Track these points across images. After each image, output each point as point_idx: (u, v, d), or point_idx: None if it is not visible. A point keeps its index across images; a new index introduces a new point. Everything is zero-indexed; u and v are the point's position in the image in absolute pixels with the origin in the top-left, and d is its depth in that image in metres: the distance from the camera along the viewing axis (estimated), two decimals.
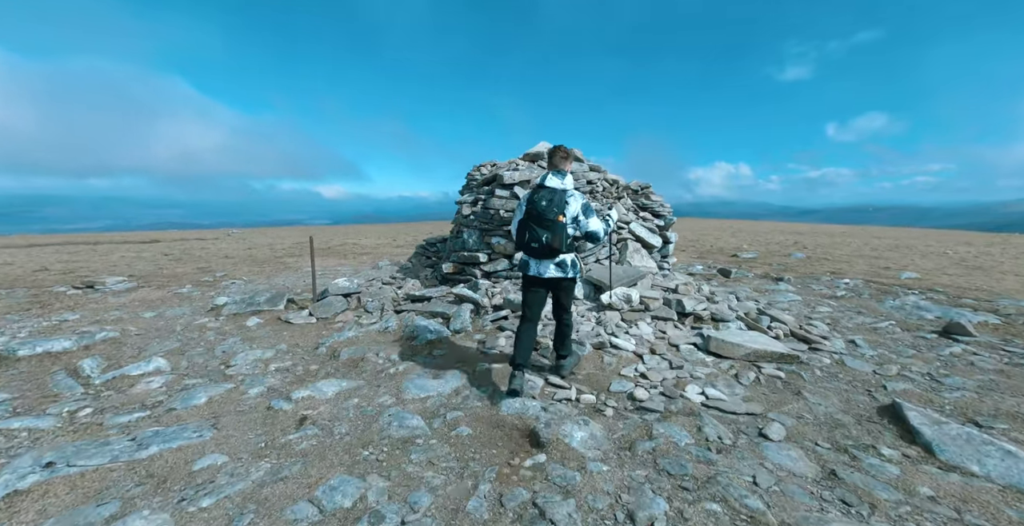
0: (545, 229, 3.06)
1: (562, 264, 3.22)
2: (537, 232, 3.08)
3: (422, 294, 5.76)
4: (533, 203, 3.13)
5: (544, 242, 3.06)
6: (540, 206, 3.08)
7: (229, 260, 10.91)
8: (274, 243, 17.29)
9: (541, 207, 3.08)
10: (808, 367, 3.82)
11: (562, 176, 3.23)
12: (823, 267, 9.87)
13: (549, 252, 3.09)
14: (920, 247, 15.02)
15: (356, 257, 11.93)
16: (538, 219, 3.08)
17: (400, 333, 4.66)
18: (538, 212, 3.08)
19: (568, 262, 3.24)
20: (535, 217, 3.10)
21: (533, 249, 3.12)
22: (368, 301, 5.86)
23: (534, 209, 3.11)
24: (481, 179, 6.67)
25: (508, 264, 6.01)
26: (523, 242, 3.18)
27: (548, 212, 3.05)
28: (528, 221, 3.14)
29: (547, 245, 3.06)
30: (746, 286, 7.72)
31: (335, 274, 8.63)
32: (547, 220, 3.05)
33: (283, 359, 4.03)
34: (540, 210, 3.07)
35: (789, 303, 6.29)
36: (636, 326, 4.58)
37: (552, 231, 3.05)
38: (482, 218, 6.20)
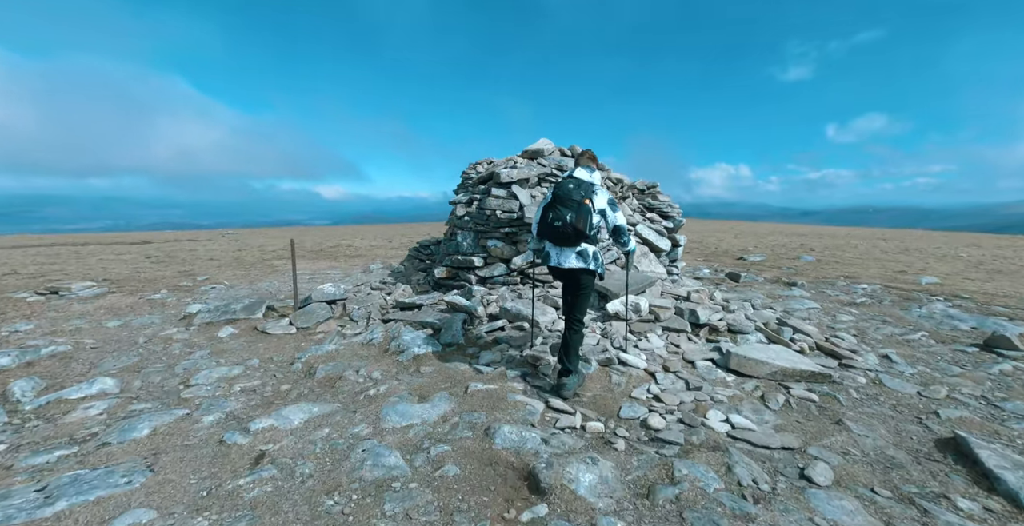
0: (570, 209, 2.98)
1: (583, 254, 3.09)
2: (561, 211, 3.00)
3: (412, 301, 5.32)
4: (559, 187, 3.11)
5: (568, 221, 2.96)
6: (566, 189, 3.06)
7: (214, 263, 10.46)
8: (266, 244, 16.84)
9: (567, 189, 3.06)
10: (842, 387, 3.39)
11: (591, 171, 3.28)
12: (835, 271, 9.45)
13: (572, 235, 2.99)
14: (930, 249, 14.61)
15: (348, 260, 11.49)
16: (563, 200, 3.03)
17: (385, 346, 4.21)
18: (564, 194, 3.04)
19: (590, 253, 3.11)
20: (560, 199, 3.05)
21: (555, 230, 3.02)
22: (354, 309, 5.42)
23: (560, 192, 3.08)
24: (476, 178, 6.23)
25: (505, 269, 5.58)
26: (545, 223, 3.08)
27: (575, 193, 3.02)
28: (553, 203, 3.08)
29: (571, 225, 2.96)
30: (758, 292, 7.29)
31: (324, 278, 8.19)
32: (573, 201, 3.00)
33: (252, 377, 3.58)
34: (566, 192, 3.04)
35: (807, 311, 5.86)
36: (646, 339, 4.15)
37: (577, 212, 2.97)
38: (477, 219, 5.77)
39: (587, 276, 3.16)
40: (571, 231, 2.98)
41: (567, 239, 3.03)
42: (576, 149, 6.79)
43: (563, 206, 3.02)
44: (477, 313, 4.58)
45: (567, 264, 3.10)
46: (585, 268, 3.10)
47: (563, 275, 3.22)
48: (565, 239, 3.04)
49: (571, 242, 3.05)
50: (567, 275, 3.19)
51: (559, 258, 3.14)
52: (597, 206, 3.06)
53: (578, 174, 3.23)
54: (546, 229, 3.09)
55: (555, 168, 6.45)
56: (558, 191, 3.09)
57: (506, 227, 5.63)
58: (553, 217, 3.03)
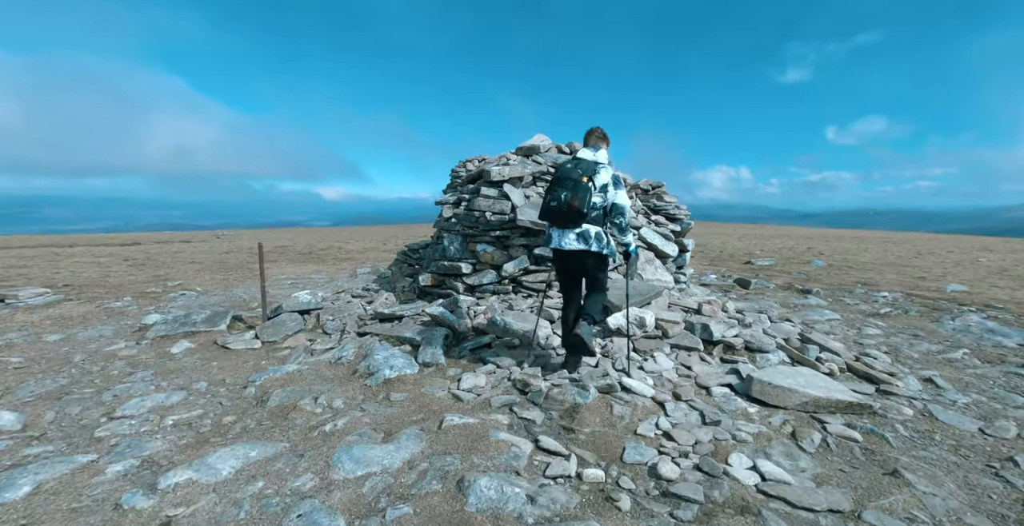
0: (566, 188, 2.93)
1: (584, 235, 3.02)
2: (557, 192, 2.96)
3: (392, 312, 4.80)
4: (560, 168, 3.09)
5: (563, 200, 2.91)
6: (565, 168, 3.05)
7: (195, 266, 9.96)
8: (255, 247, 16.35)
9: (566, 168, 3.04)
10: (887, 421, 2.86)
11: (595, 150, 3.20)
12: (850, 277, 8.91)
13: (569, 215, 2.93)
14: (944, 253, 14.06)
15: (337, 263, 10.98)
16: (561, 180, 2.99)
17: (355, 366, 3.69)
18: (563, 174, 3.01)
19: (592, 234, 3.03)
20: (559, 179, 3.02)
21: (552, 210, 2.99)
22: (328, 320, 4.90)
23: (560, 172, 3.05)
24: (466, 176, 5.72)
25: (495, 276, 5.06)
26: (545, 204, 3.04)
27: (572, 172, 2.98)
28: (552, 184, 3.05)
29: (566, 204, 2.89)
30: (771, 300, 6.76)
31: (306, 283, 7.67)
32: (570, 179, 2.95)
33: (193, 405, 3.06)
34: (565, 172, 3.02)
35: (829, 324, 5.33)
36: (653, 359, 3.63)
37: (573, 190, 2.90)
38: (465, 221, 5.25)
39: (590, 258, 3.07)
40: (567, 210, 2.91)
41: (565, 219, 2.97)
42: (575, 145, 6.29)
43: (560, 186, 2.97)
44: (460, 328, 4.06)
45: (568, 246, 3.03)
46: (586, 250, 3.02)
47: (565, 258, 3.14)
48: (563, 219, 2.98)
49: (570, 222, 2.99)
50: (569, 259, 3.12)
51: (560, 240, 3.07)
52: (599, 183, 2.99)
53: (582, 154, 3.16)
54: (546, 212, 3.05)
55: (551, 166, 5.94)
56: (558, 172, 3.06)
57: (497, 230, 5.12)
58: (550, 198, 2.99)
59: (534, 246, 5.09)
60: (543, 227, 4.88)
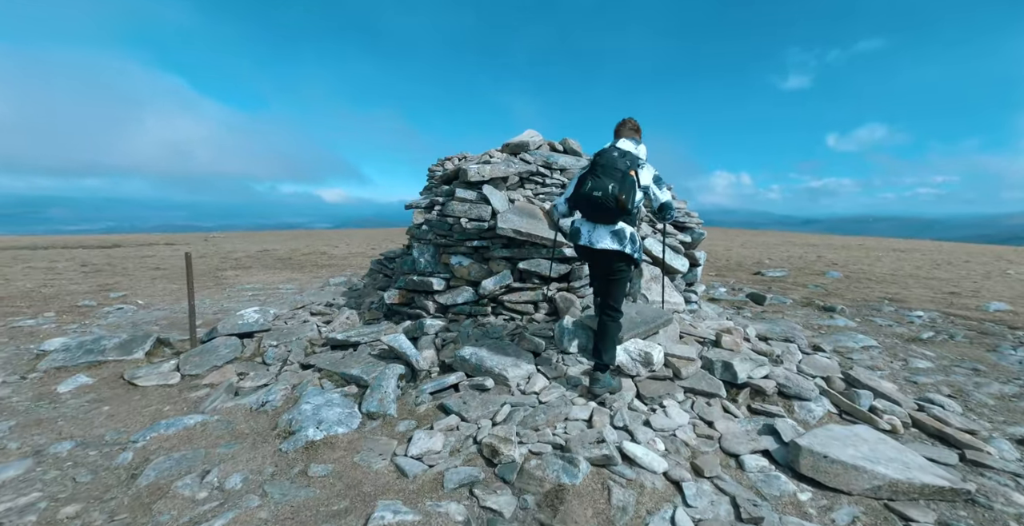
0: (613, 178, 2.65)
1: (620, 235, 2.76)
2: (603, 180, 2.66)
3: (346, 338, 3.98)
4: (602, 155, 2.79)
5: (610, 192, 2.62)
6: (610, 156, 2.74)
7: (156, 273, 9.13)
8: (240, 250, 15.52)
9: (612, 157, 2.74)
10: (995, 517, 2.04)
11: (636, 143, 2.96)
12: (873, 291, 8.10)
13: (613, 209, 2.66)
14: (962, 263, 13.26)
15: (315, 270, 10.16)
16: (606, 169, 2.69)
17: (279, 416, 2.86)
18: (607, 162, 2.71)
19: (627, 234, 2.77)
20: (602, 167, 2.71)
21: (594, 201, 2.67)
22: (270, 346, 4.08)
23: (602, 160, 2.75)
24: (440, 176, 4.92)
25: (472, 294, 4.25)
26: (582, 192, 2.72)
27: (619, 162, 2.70)
28: (593, 170, 2.74)
29: (612, 196, 2.62)
30: (792, 320, 5.95)
31: (268, 296, 6.85)
32: (617, 170, 2.67)
33: (30, 485, 2.23)
34: (610, 160, 2.72)
35: (867, 352, 4.51)
36: (663, 410, 2.81)
37: (621, 183, 2.64)
38: (438, 229, 4.44)
39: (621, 261, 2.80)
40: (612, 204, 2.63)
41: (605, 213, 2.70)
42: (569, 143, 5.49)
43: (605, 175, 2.67)
44: (419, 366, 3.23)
45: (600, 244, 2.76)
46: (620, 251, 2.75)
47: (592, 257, 2.90)
48: (603, 213, 2.71)
49: (608, 218, 2.73)
50: (597, 257, 2.84)
51: (591, 236, 2.80)
52: (642, 181, 2.76)
53: (622, 145, 2.87)
54: (582, 200, 2.74)
55: (542, 165, 5.14)
56: (600, 159, 2.76)
57: (475, 240, 4.31)
58: (592, 186, 2.67)
59: (518, 259, 4.28)
60: (529, 237, 4.07)
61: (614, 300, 2.86)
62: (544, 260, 4.19)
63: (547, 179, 5.13)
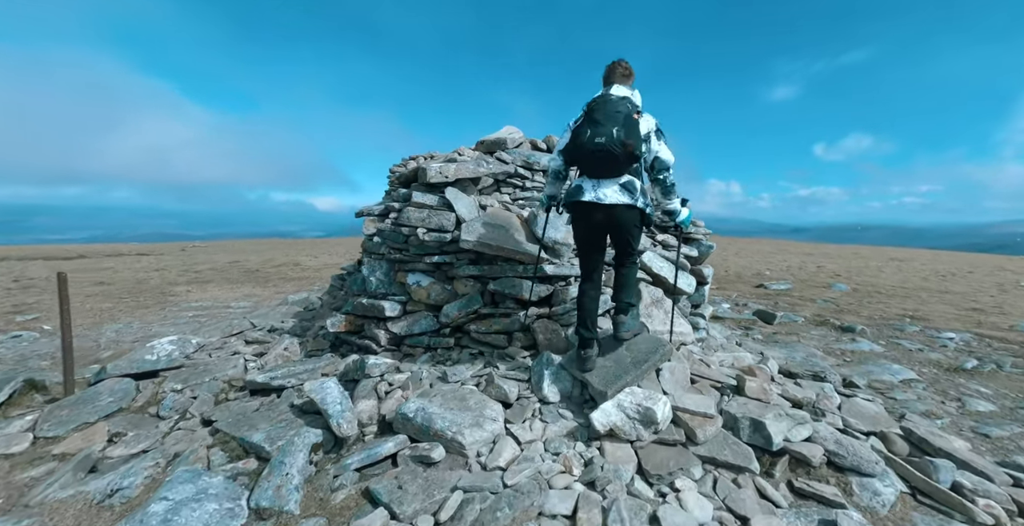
0: (616, 123, 2.29)
1: (629, 187, 2.39)
2: (605, 126, 2.30)
3: (268, 380, 3.14)
4: (596, 101, 2.45)
5: (615, 137, 2.26)
6: (610, 100, 2.40)
7: (97, 288, 8.19)
8: (211, 260, 14.54)
9: (612, 101, 2.40)
10: None
11: (631, 88, 2.55)
12: (889, 308, 7.40)
13: (621, 157, 2.29)
14: (965, 274, 12.70)
15: (280, 284, 9.27)
16: (606, 113, 2.34)
17: (129, 517, 2.01)
18: (608, 107, 2.36)
19: (637, 186, 2.41)
20: (601, 112, 2.36)
21: (594, 150, 2.30)
22: (170, 393, 3.21)
23: (598, 105, 2.41)
24: (397, 177, 4.14)
25: (431, 322, 3.43)
26: (579, 142, 2.37)
27: (620, 106, 2.36)
28: (591, 117, 2.38)
29: (618, 142, 2.26)
30: (809, 344, 5.20)
31: (210, 318, 5.96)
32: (619, 113, 2.33)
33: None
34: (611, 105, 2.37)
35: (909, 388, 3.76)
36: (676, 498, 2.00)
37: (626, 127, 2.29)
38: (392, 241, 3.64)
39: (634, 215, 2.44)
40: (619, 150, 2.27)
41: (610, 164, 2.34)
42: (554, 140, 4.75)
43: (607, 119, 2.32)
44: (341, 431, 2.37)
45: (608, 199, 2.38)
46: (631, 204, 2.39)
47: (598, 215, 2.44)
48: (607, 164, 2.35)
49: (614, 169, 2.37)
50: (604, 215, 2.43)
51: (596, 191, 2.41)
52: (643, 129, 2.37)
53: (616, 91, 2.50)
54: (582, 151, 2.37)
55: (521, 166, 4.38)
56: (596, 105, 2.43)
57: (436, 255, 3.51)
58: (592, 134, 2.32)
59: (489, 278, 3.49)
60: (502, 252, 3.29)
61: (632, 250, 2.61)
62: (521, 280, 3.40)
63: (527, 182, 4.37)
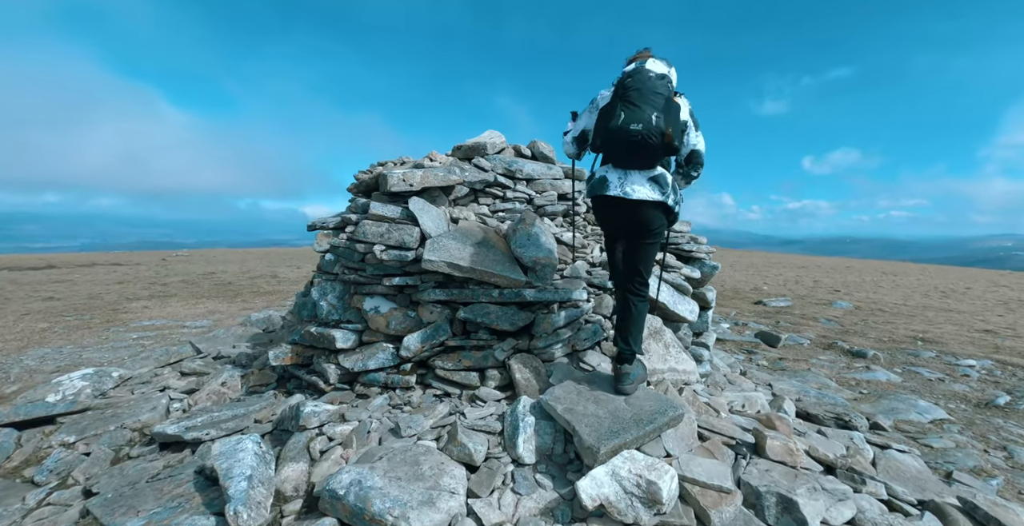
0: (654, 106, 1.97)
1: (660, 181, 2.11)
2: (641, 110, 1.95)
3: (180, 431, 2.55)
4: (633, 76, 2.09)
5: (653, 124, 1.93)
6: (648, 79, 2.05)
7: (43, 305, 7.49)
8: (186, 272, 13.82)
9: (650, 80, 2.05)
10: None
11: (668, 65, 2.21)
12: (895, 328, 6.97)
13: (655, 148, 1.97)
14: (964, 291, 12.42)
15: (250, 299, 8.64)
16: (643, 94, 2.00)
17: None
18: (642, 86, 2.02)
19: (668, 181, 2.13)
20: (637, 91, 2.01)
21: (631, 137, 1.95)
22: (59, 447, 2.61)
23: (634, 83, 2.05)
24: (356, 185, 3.62)
25: (391, 355, 2.88)
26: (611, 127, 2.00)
27: (659, 86, 2.04)
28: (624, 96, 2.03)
29: (657, 131, 1.93)
30: (820, 372, 4.72)
31: (156, 341, 5.34)
32: (659, 95, 2.01)
33: None
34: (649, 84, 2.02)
35: (942, 430, 3.27)
36: None
37: (667, 113, 1.97)
38: (347, 259, 3.10)
39: (660, 216, 2.15)
40: (657, 141, 1.94)
41: (644, 154, 2.00)
42: (539, 146, 4.28)
43: (644, 102, 1.97)
44: (239, 520, 1.79)
45: (636, 194, 2.07)
46: (661, 201, 2.09)
47: (621, 214, 2.17)
48: (642, 155, 2.01)
49: (648, 160, 2.05)
50: (629, 213, 2.14)
51: (623, 185, 2.10)
52: (682, 116, 2.04)
53: (653, 65, 2.13)
54: (613, 138, 2.01)
55: (502, 174, 3.90)
56: (632, 81, 2.06)
57: (396, 276, 2.98)
58: (627, 117, 1.96)
59: (459, 304, 2.96)
60: (473, 274, 2.77)
61: (646, 271, 2.32)
62: (496, 306, 2.88)
63: (508, 191, 3.88)
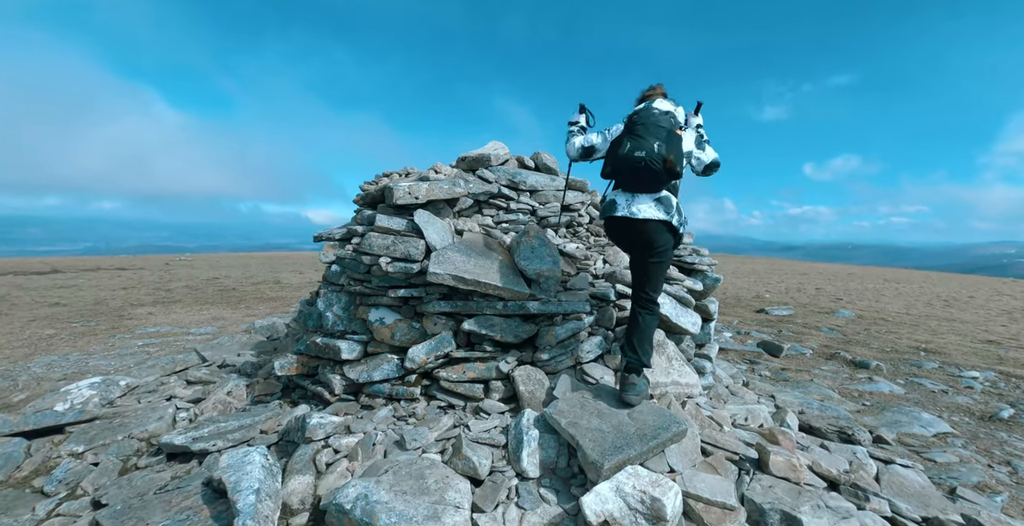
0: (656, 137, 2.27)
1: (665, 202, 2.38)
2: (646, 140, 2.26)
3: (188, 442, 2.58)
4: (640, 113, 2.41)
5: (656, 152, 2.23)
6: (652, 114, 2.36)
7: (50, 311, 7.55)
8: (189, 277, 13.89)
9: (654, 115, 2.36)
10: None
11: (674, 104, 2.53)
12: (898, 338, 6.96)
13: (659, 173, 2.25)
14: (967, 299, 12.40)
15: (253, 305, 8.68)
16: (648, 127, 2.31)
17: None
18: (648, 120, 2.34)
19: (673, 203, 2.41)
20: (642, 126, 2.33)
21: (634, 164, 2.26)
22: (68, 456, 2.64)
23: (641, 118, 2.37)
24: (362, 197, 3.66)
25: (396, 366, 2.91)
26: (619, 155, 2.32)
27: (662, 120, 2.34)
28: (632, 130, 2.35)
29: (660, 157, 2.23)
30: (822, 384, 4.72)
31: (161, 348, 5.38)
32: (661, 128, 2.30)
33: None
34: (653, 119, 2.34)
35: (945, 443, 3.28)
36: None
37: (668, 143, 2.27)
38: (352, 271, 3.14)
39: (665, 234, 2.40)
40: (659, 166, 2.23)
41: (649, 179, 2.29)
42: (543, 158, 4.33)
43: (648, 134, 2.28)
44: None
45: (642, 214, 2.35)
46: (665, 221, 2.36)
47: (631, 233, 2.44)
48: (647, 179, 2.29)
49: (652, 184, 2.33)
50: (638, 232, 2.40)
51: (629, 206, 2.39)
52: (684, 147, 2.38)
53: (659, 104, 2.44)
54: (621, 165, 2.32)
55: (506, 185, 3.95)
56: (639, 117, 2.39)
57: (402, 287, 3.01)
58: (632, 147, 2.28)
59: (464, 316, 2.99)
60: (478, 287, 2.80)
61: (653, 288, 2.50)
62: (500, 318, 2.91)
63: (512, 203, 3.93)
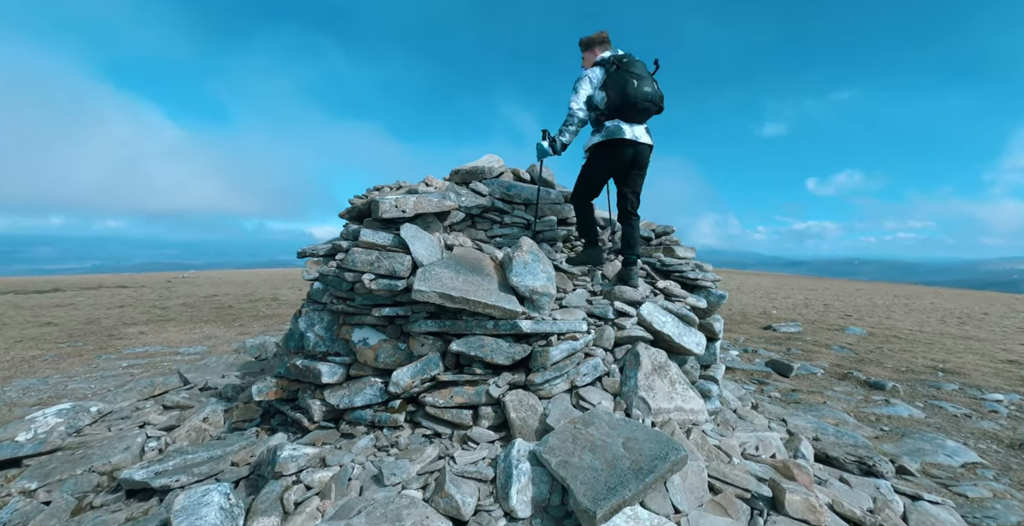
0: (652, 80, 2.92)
1: (650, 131, 3.09)
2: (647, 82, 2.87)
3: (146, 478, 2.37)
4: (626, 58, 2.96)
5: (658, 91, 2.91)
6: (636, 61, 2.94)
7: (38, 331, 7.40)
8: (188, 294, 13.77)
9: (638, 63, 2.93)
10: None
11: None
12: (913, 357, 6.67)
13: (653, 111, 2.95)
14: (980, 316, 12.05)
15: (248, 323, 8.50)
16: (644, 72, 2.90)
17: None
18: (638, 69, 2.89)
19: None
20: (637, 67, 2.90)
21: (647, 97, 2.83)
22: (16, 494, 2.43)
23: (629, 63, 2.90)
24: (348, 211, 3.53)
25: (379, 391, 2.70)
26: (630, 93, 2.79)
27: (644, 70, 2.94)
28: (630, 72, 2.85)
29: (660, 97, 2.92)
30: (836, 406, 4.46)
31: (146, 369, 5.19)
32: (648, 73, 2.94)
33: None
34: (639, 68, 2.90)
35: (975, 475, 3.01)
36: None
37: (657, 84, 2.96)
38: (335, 288, 2.98)
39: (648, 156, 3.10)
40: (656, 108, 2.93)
41: (653, 112, 2.95)
42: (538, 169, 4.21)
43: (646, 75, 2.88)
44: None
45: (643, 138, 2.97)
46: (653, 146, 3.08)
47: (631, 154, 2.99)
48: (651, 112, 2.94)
49: (646, 117, 2.97)
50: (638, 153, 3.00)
51: (633, 131, 2.94)
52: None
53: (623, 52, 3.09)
54: (630, 100, 2.80)
55: (500, 198, 3.82)
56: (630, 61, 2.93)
57: (386, 306, 2.84)
58: (640, 85, 2.81)
59: (452, 336, 2.80)
60: (466, 305, 2.62)
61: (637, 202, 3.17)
62: (491, 338, 2.72)
63: (506, 216, 3.79)
